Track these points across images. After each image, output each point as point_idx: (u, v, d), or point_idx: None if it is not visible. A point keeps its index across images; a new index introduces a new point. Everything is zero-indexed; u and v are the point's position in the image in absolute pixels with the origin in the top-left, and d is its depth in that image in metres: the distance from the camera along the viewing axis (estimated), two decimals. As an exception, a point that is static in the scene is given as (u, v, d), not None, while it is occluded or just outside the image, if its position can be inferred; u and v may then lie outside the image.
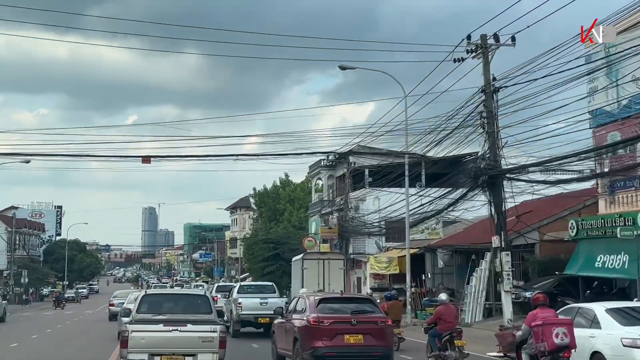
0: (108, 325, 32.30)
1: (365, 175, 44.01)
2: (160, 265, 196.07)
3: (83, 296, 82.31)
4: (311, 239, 46.10)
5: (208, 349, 12.30)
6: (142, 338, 12.24)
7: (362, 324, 14.13)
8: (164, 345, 12.30)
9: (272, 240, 59.68)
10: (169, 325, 12.38)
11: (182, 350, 12.30)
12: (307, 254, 33.54)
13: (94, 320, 38.17)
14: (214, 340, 12.32)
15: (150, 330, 12.38)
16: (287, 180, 72.02)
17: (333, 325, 13.97)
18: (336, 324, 14.04)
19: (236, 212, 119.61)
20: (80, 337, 25.92)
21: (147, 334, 12.30)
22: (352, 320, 14.06)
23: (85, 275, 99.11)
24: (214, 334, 12.39)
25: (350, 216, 42.76)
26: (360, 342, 13.91)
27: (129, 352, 12.24)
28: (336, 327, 13.99)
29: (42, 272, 73.46)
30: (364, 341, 13.91)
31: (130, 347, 12.22)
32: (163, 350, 12.27)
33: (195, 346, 12.31)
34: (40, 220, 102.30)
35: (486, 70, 22.05)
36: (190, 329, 12.35)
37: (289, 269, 58.99)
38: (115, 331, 22.22)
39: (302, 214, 67.40)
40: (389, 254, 36.21)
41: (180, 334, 12.25)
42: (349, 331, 13.92)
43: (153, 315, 12.96)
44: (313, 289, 28.31)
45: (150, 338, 12.26)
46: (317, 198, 53.60)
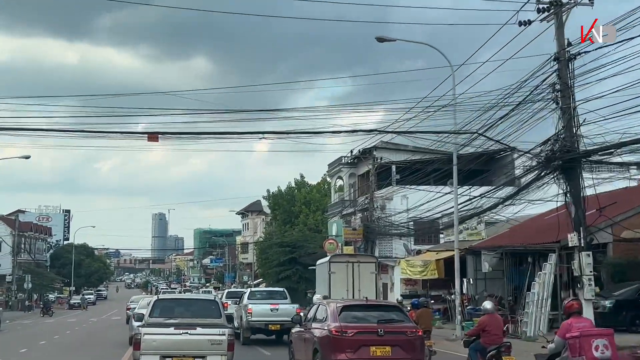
0: (113, 334, 28.58)
1: (392, 171, 40.15)
2: (170, 271, 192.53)
3: (90, 302, 78.59)
4: (332, 242, 42.26)
5: (217, 352, 12.59)
6: (154, 341, 12.55)
7: (390, 334, 12.73)
8: (175, 347, 12.60)
9: (287, 244, 55.86)
10: (180, 328, 12.70)
11: (192, 352, 12.60)
12: (335, 256, 29.69)
13: (96, 330, 34.21)
14: (222, 343, 12.64)
15: (162, 333, 12.69)
16: (302, 182, 68.21)
17: (357, 336, 12.63)
18: (361, 335, 12.69)
19: (247, 217, 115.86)
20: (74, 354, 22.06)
21: (158, 336, 12.63)
22: (379, 330, 12.66)
23: (92, 281, 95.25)
24: (222, 337, 12.70)
25: (375, 216, 38.88)
26: (387, 354, 12.52)
27: (142, 354, 12.53)
28: (361, 337, 12.63)
29: (47, 277, 69.66)
30: (392, 354, 12.54)
31: (142, 349, 12.50)
32: (174, 353, 12.57)
33: (204, 349, 12.59)
34: (48, 224, 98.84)
35: (560, 34, 18.20)
36: (200, 332, 12.66)
37: (306, 274, 55.24)
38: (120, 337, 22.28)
39: (318, 217, 63.57)
40: (423, 257, 32.29)
41: (190, 337, 12.58)
42: (376, 342, 12.56)
43: (165, 319, 13.23)
44: (341, 295, 24.58)
45: (162, 341, 12.60)
46: (337, 198, 49.70)
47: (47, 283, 69.01)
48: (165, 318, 13.28)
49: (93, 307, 72.80)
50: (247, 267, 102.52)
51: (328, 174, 50.86)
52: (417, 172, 37.51)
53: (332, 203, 50.48)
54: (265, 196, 69.57)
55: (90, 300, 79.04)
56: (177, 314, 13.55)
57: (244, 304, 24.36)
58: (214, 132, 16.08)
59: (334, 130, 17.86)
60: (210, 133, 16.25)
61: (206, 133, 16.36)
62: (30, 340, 26.66)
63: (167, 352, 12.59)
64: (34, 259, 76.11)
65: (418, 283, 33.54)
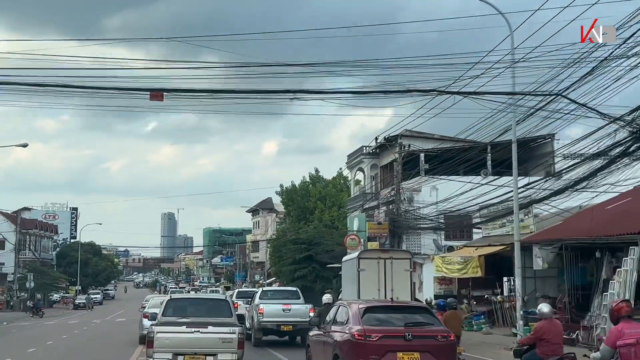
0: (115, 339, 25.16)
1: (421, 160, 36.57)
2: (179, 271, 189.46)
3: (96, 302, 75.24)
4: (354, 237, 38.73)
5: (227, 349, 12.70)
6: (167, 339, 12.73)
7: (419, 339, 11.60)
8: (187, 345, 12.75)
9: (303, 241, 52.28)
10: (192, 327, 12.85)
11: (204, 350, 12.71)
12: (365, 252, 26.24)
13: (96, 334, 30.69)
14: (233, 341, 12.76)
15: (174, 331, 12.84)
16: (317, 176, 64.64)
17: (383, 341, 11.53)
18: (387, 339, 11.59)
19: (258, 215, 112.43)
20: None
21: (171, 335, 12.78)
22: (407, 334, 11.57)
23: (100, 280, 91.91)
24: (233, 335, 12.83)
25: (402, 209, 35.29)
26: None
27: (155, 351, 12.65)
28: (386, 342, 11.53)
29: (51, 276, 66.33)
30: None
31: (155, 347, 12.63)
32: (186, 350, 12.72)
33: (215, 346, 12.72)
34: (54, 222, 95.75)
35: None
36: (211, 331, 12.80)
37: (323, 273, 51.65)
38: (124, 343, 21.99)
39: (334, 213, 60.03)
40: (460, 253, 28.67)
41: (201, 335, 12.73)
42: (403, 348, 11.42)
43: (177, 318, 13.43)
44: (372, 296, 21.18)
45: (174, 339, 12.76)
46: (357, 191, 46.10)
47: (50, 282, 65.65)
48: (177, 317, 13.48)
49: (99, 308, 69.44)
50: (258, 266, 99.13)
51: (347, 166, 47.29)
52: (447, 161, 34.05)
53: (352, 197, 46.89)
54: (278, 191, 66.17)
55: (97, 300, 75.72)
56: (189, 313, 13.74)
57: (255, 304, 23.19)
58: (232, 90, 12.62)
59: (384, 90, 14.16)
60: (229, 91, 12.81)
61: (223, 91, 12.93)
62: (19, 345, 23.18)
63: (179, 350, 12.72)
64: (37, 257, 72.86)
65: (453, 282, 29.94)
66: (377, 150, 42.90)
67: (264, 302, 23.05)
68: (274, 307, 22.32)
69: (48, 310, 60.52)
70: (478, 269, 25.48)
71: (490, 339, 22.27)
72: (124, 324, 36.86)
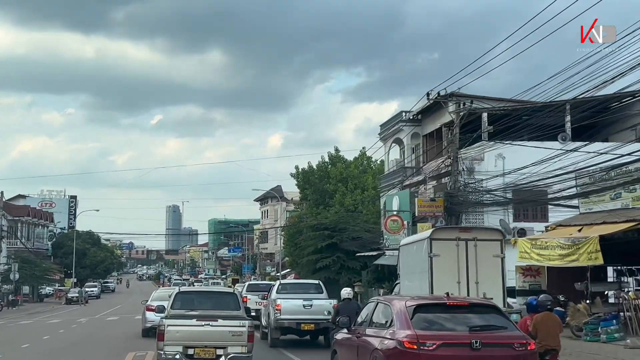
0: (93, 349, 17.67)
1: (483, 121, 28.99)
2: (184, 263, 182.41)
3: (93, 296, 67.81)
4: (396, 219, 31.30)
5: (237, 343, 12.54)
6: (177, 332, 12.49)
7: (490, 347, 8.61)
8: (197, 338, 12.52)
9: (325, 226, 44.75)
10: (202, 320, 12.64)
11: (214, 343, 12.51)
12: (439, 230, 18.75)
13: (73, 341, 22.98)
14: (242, 334, 12.60)
15: (185, 324, 12.60)
16: (337, 156, 56.97)
17: (442, 350, 8.48)
18: (447, 348, 8.55)
19: (267, 204, 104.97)
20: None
21: (181, 328, 12.54)
22: (473, 341, 8.50)
23: (98, 272, 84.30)
24: (242, 328, 12.65)
25: (461, 182, 27.69)
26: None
27: (165, 344, 12.42)
28: (447, 353, 8.53)
29: (42, 267, 58.77)
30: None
31: (166, 340, 12.41)
32: (196, 343, 12.49)
33: (225, 339, 12.53)
34: (51, 210, 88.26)
35: None
36: (221, 324, 12.61)
37: (349, 263, 43.99)
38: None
39: (357, 196, 52.44)
40: (557, 234, 20.97)
41: (211, 328, 12.54)
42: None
43: (186, 311, 13.12)
44: (451, 291, 13.84)
45: (185, 332, 12.52)
46: (395, 165, 38.44)
47: (41, 273, 58.12)
48: (186, 310, 13.16)
49: (95, 302, 61.90)
50: (267, 257, 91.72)
51: (380, 137, 39.62)
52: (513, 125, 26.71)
53: (387, 172, 39.21)
54: (293, 173, 58.46)
55: (94, 294, 68.29)
56: (198, 306, 13.43)
57: (272, 299, 20.19)
58: None
59: None
60: None
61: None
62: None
63: (190, 343, 12.43)
64: (27, 247, 65.41)
65: (541, 273, 22.33)
66: (419, 117, 35.30)
67: (282, 297, 19.92)
68: (294, 303, 19.29)
69: (36, 305, 53.12)
70: (597, 254, 17.79)
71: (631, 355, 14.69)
72: (115, 324, 29.46)
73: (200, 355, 12.48)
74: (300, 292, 21.03)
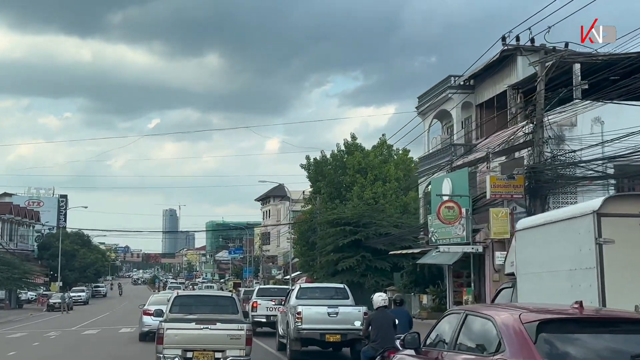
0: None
1: (575, 74, 21.79)
2: (181, 266, 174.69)
3: (80, 302, 60.29)
4: (452, 206, 24.05)
5: (236, 346, 12.36)
6: (176, 335, 12.30)
7: None
8: (196, 342, 12.34)
9: (347, 221, 37.60)
10: (200, 323, 12.46)
11: (213, 346, 12.34)
12: (613, 201, 10.90)
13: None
14: (241, 337, 12.40)
15: (183, 328, 12.42)
16: (354, 144, 49.73)
17: None
18: None
19: (269, 203, 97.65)
20: None
21: (180, 331, 12.35)
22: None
23: (88, 275, 76.70)
24: (241, 332, 12.46)
25: (549, 154, 20.52)
26: None
27: (165, 347, 12.22)
28: None
29: (20, 269, 51.30)
30: None
31: (165, 343, 12.22)
32: (195, 347, 12.32)
33: (224, 343, 12.36)
34: (39, 210, 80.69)
35: None
36: (220, 328, 12.43)
37: (376, 263, 36.81)
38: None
39: (378, 188, 45.23)
40: None
41: (210, 331, 12.33)
42: None
43: (185, 314, 12.96)
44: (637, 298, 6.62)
45: (183, 335, 12.36)
46: (439, 143, 31.17)
47: (19, 276, 50.67)
48: (184, 314, 12.98)
49: (82, 309, 54.35)
50: (269, 260, 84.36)
51: (418, 112, 32.39)
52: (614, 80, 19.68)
53: (430, 152, 31.92)
54: (303, 164, 51.10)
55: (81, 299, 60.76)
56: (196, 310, 13.24)
57: (291, 305, 17.15)
58: None
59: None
60: None
61: None
62: None
63: (188, 346, 12.21)
64: (7, 248, 57.90)
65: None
66: (470, 82, 28.17)
67: (303, 303, 17.24)
68: (317, 311, 16.62)
69: (11, 313, 45.67)
70: None
71: None
72: (90, 342, 22.16)
73: (199, 358, 12.28)
74: (323, 298, 18.32)
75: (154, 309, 18.40)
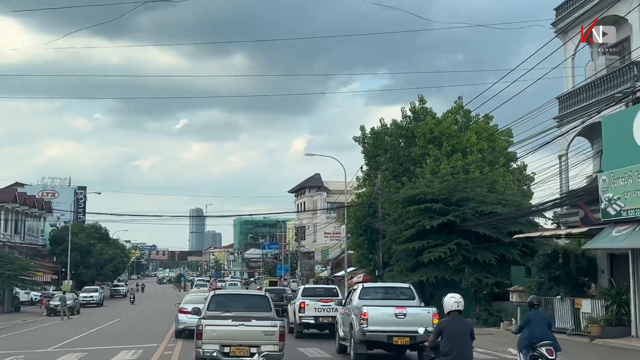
0: None
1: None
2: (208, 265, 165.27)
3: (92, 303, 50.46)
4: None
5: (270, 342, 12.59)
6: (214, 331, 12.61)
7: None
8: (233, 337, 12.61)
9: (434, 197, 27.32)
10: (237, 320, 12.79)
11: (248, 342, 12.59)
12: None
13: None
14: (274, 334, 12.61)
15: (221, 324, 12.74)
16: (423, 109, 39.14)
17: None
18: None
19: (303, 195, 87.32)
20: None
21: (218, 327, 12.67)
22: None
23: (105, 273, 66.91)
24: (274, 328, 12.67)
25: None
26: None
27: (204, 342, 12.54)
28: None
29: (17, 264, 41.42)
30: None
31: (204, 338, 12.54)
32: (232, 342, 12.58)
33: (259, 339, 12.59)
34: (53, 200, 71.24)
35: None
36: (255, 324, 12.70)
37: (479, 254, 24.07)
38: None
39: (456, 162, 34.72)
40: None
41: (246, 328, 12.64)
42: None
43: (221, 312, 13.39)
44: None
45: (221, 331, 12.65)
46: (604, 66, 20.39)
47: (15, 273, 40.85)
48: (221, 311, 13.41)
49: (92, 312, 44.40)
50: (304, 256, 74.07)
51: (556, 30, 21.81)
52: None
53: (583, 84, 21.13)
54: (357, 137, 40.57)
55: (93, 301, 50.86)
56: (232, 308, 13.64)
57: (354, 306, 15.97)
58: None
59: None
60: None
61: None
62: None
63: (226, 342, 12.54)
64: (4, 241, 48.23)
65: None
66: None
67: (367, 303, 15.50)
68: (384, 312, 15.01)
69: (2, 318, 35.75)
70: None
71: None
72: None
73: (236, 353, 12.50)
74: (388, 298, 16.71)
75: (190, 307, 19.59)
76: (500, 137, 37.71)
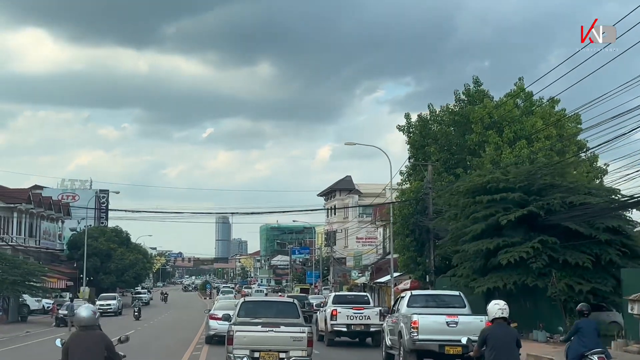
0: None
1: None
2: (234, 272, 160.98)
3: (111, 312, 46.00)
4: None
5: (298, 347, 12.73)
6: (245, 337, 12.76)
7: None
8: (263, 343, 12.76)
9: (509, 186, 22.28)
10: (266, 326, 12.91)
11: (277, 347, 12.73)
12: None
13: None
14: (303, 339, 12.78)
15: (251, 330, 12.91)
16: (480, 91, 34.04)
17: None
18: None
19: (334, 198, 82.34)
20: None
21: (248, 333, 12.82)
22: None
23: (126, 279, 62.52)
24: (302, 334, 12.82)
25: None
26: None
27: (234, 348, 12.67)
28: None
29: (22, 268, 36.97)
30: None
31: (235, 344, 12.68)
32: (262, 347, 12.72)
33: (288, 344, 12.75)
34: (73, 203, 67.27)
35: None
36: (283, 330, 12.84)
37: (567, 254, 18.83)
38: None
39: (521, 151, 29.50)
40: None
41: (275, 334, 12.77)
42: None
43: (251, 318, 13.65)
44: None
45: (251, 337, 12.80)
46: None
47: (21, 278, 36.47)
48: (251, 317, 13.66)
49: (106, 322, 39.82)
50: (336, 262, 69.11)
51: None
52: None
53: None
54: (401, 126, 35.57)
55: (111, 309, 46.36)
56: (261, 314, 13.90)
57: (403, 314, 15.51)
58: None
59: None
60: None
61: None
62: None
63: (256, 347, 12.69)
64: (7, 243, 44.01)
65: None
66: None
67: (416, 311, 15.00)
68: (435, 320, 14.53)
69: (4, 329, 31.32)
70: None
71: None
72: None
73: (265, 358, 12.69)
74: (437, 306, 16.15)
75: (220, 313, 20.67)
76: (568, 122, 32.51)
